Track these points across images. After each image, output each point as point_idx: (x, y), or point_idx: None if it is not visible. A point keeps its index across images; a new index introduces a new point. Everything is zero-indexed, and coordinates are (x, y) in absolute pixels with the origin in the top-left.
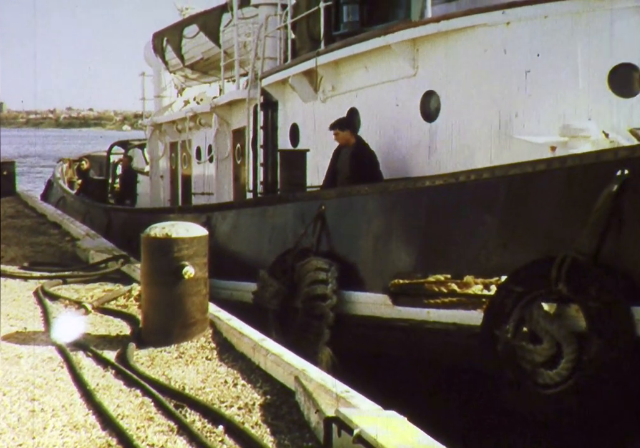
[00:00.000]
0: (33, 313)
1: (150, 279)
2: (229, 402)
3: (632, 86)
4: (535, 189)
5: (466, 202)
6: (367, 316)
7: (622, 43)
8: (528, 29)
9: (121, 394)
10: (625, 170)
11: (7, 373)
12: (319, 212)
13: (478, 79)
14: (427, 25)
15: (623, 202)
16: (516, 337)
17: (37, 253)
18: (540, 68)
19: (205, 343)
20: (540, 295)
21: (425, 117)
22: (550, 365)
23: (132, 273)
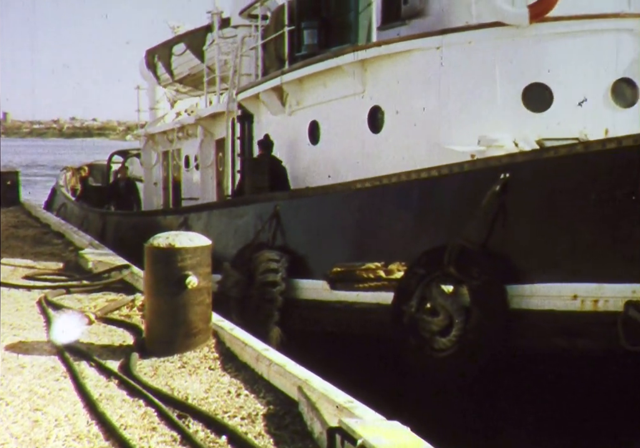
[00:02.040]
0: (36, 323)
1: (153, 289)
2: (232, 412)
3: (543, 102)
4: (439, 189)
5: (388, 201)
6: (310, 299)
7: (534, 65)
8: (455, 53)
9: (124, 404)
10: (507, 174)
11: (10, 383)
12: (274, 211)
13: (414, 95)
14: (370, 49)
15: (505, 199)
16: (418, 311)
17: (41, 263)
18: (465, 87)
19: (209, 353)
20: (437, 277)
21: (372, 129)
22: (444, 333)
23: (135, 283)
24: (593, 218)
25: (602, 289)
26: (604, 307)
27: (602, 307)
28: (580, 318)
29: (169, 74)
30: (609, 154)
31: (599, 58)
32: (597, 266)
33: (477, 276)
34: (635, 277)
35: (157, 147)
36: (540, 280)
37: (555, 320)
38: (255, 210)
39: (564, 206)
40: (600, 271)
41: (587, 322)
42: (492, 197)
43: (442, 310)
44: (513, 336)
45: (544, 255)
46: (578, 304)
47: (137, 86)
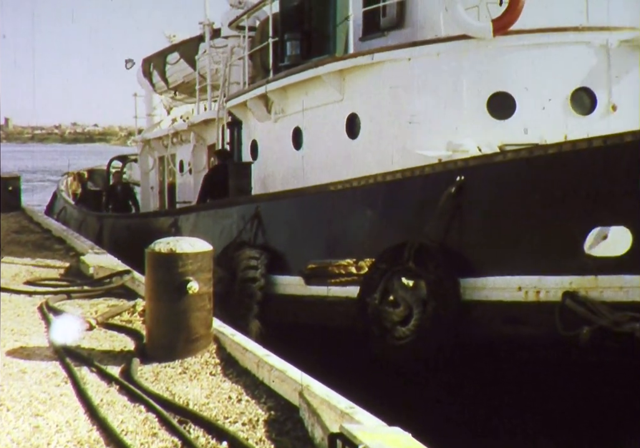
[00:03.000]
0: (37, 328)
1: (154, 294)
2: (233, 417)
3: (506, 110)
4: (403, 191)
5: (358, 202)
6: (287, 294)
7: (498, 75)
8: (425, 64)
9: (125, 410)
10: (462, 176)
11: (11, 389)
12: (256, 212)
13: (387, 103)
14: (347, 60)
15: (460, 200)
16: (381, 303)
17: (42, 269)
18: (433, 95)
19: (210, 359)
20: (398, 271)
21: (349, 135)
22: (404, 323)
23: (136, 288)
24: (536, 217)
25: (543, 281)
26: (545, 298)
27: (543, 297)
28: (524, 308)
29: (164, 81)
30: (549, 158)
31: (559, 68)
32: (539, 260)
33: (433, 270)
34: (572, 270)
35: (153, 152)
36: (489, 274)
37: (502, 309)
38: (239, 212)
39: (510, 206)
40: (541, 265)
41: (530, 311)
42: (448, 198)
43: (403, 301)
44: (466, 324)
45: (493, 251)
46: (522, 295)
47: (134, 93)
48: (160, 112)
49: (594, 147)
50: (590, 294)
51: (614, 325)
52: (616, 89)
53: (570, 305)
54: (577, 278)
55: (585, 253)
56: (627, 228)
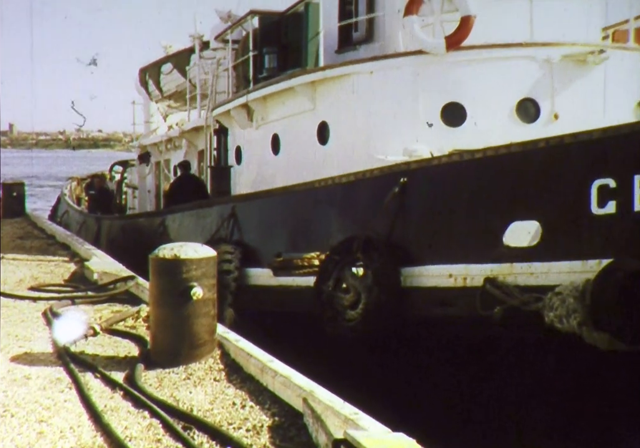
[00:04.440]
0: (42, 334)
1: (158, 300)
2: (237, 423)
3: (458, 118)
4: (356, 191)
5: (319, 202)
6: (258, 285)
7: (451, 87)
8: (385, 76)
9: (129, 416)
10: (405, 178)
11: (15, 395)
12: (232, 211)
13: (353, 112)
14: (317, 73)
15: (403, 199)
16: (334, 289)
17: (46, 274)
18: (393, 105)
19: (214, 365)
20: (349, 262)
21: (320, 142)
22: (353, 307)
23: (140, 294)
24: (464, 213)
25: (469, 269)
26: (470, 283)
27: (469, 283)
28: (453, 292)
29: (158, 90)
30: (475, 161)
31: (506, 80)
32: (466, 251)
33: (377, 260)
34: (493, 259)
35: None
36: (426, 263)
37: (436, 294)
38: (217, 211)
39: (444, 204)
40: (468, 255)
41: (457, 295)
42: (393, 197)
43: (352, 288)
44: (405, 307)
45: (429, 243)
46: (452, 281)
47: (132, 101)
48: (157, 119)
49: (513, 152)
50: (507, 279)
51: (522, 304)
52: (558, 99)
53: (489, 289)
54: (496, 266)
55: (503, 244)
56: (538, 223)
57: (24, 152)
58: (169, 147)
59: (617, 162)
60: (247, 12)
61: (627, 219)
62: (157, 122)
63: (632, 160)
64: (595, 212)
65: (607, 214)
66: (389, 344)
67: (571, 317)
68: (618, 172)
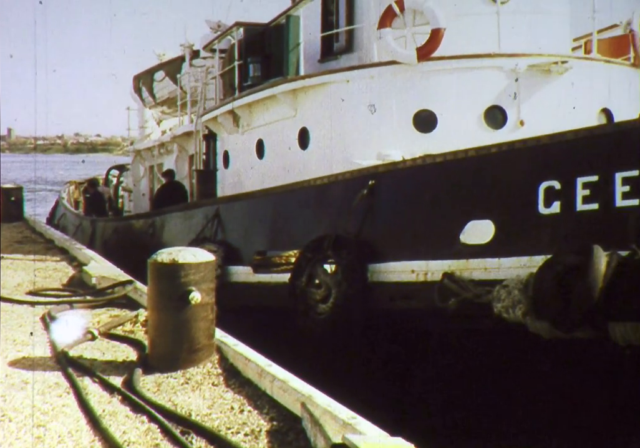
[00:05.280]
0: (40, 338)
1: (156, 305)
2: (235, 428)
3: (429, 125)
4: (329, 193)
5: (296, 203)
6: (239, 282)
7: (422, 95)
8: (361, 85)
9: (127, 420)
10: (373, 181)
11: (13, 399)
12: (216, 212)
13: (330, 119)
14: (297, 81)
15: (371, 200)
16: (307, 285)
17: (45, 279)
18: (368, 112)
19: (212, 369)
20: (320, 259)
21: (301, 147)
22: (324, 301)
23: (138, 298)
24: (426, 214)
25: (430, 265)
26: (430, 278)
27: (429, 278)
28: (415, 286)
29: (151, 97)
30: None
31: (475, 89)
32: (427, 248)
33: (345, 257)
34: (450, 256)
35: (144, 161)
36: (391, 260)
37: (399, 288)
38: (203, 212)
39: (408, 205)
40: (429, 252)
41: (419, 289)
42: (361, 198)
43: (324, 284)
44: (371, 301)
45: (394, 241)
46: (414, 276)
47: (127, 107)
48: (151, 124)
49: (470, 157)
50: (463, 274)
51: (475, 297)
52: (524, 107)
53: (446, 283)
54: (454, 262)
55: (460, 242)
56: (491, 222)
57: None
58: (161, 152)
59: (562, 165)
60: (233, 23)
61: (569, 218)
62: (151, 127)
63: (575, 163)
64: (541, 211)
65: (552, 214)
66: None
67: (516, 308)
68: (562, 175)
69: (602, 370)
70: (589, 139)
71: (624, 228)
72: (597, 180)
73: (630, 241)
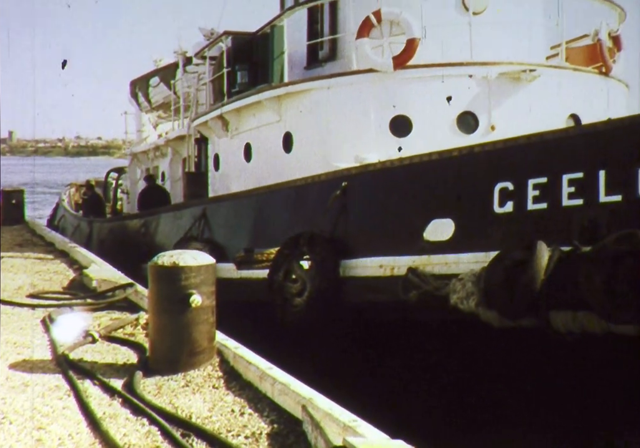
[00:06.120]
0: (40, 341)
1: (157, 307)
2: (236, 431)
3: (404, 130)
4: (307, 193)
5: (277, 203)
6: (224, 278)
7: (399, 101)
8: (341, 92)
9: (128, 423)
10: (346, 182)
11: (14, 402)
12: (203, 212)
13: (313, 124)
14: (281, 88)
15: (344, 200)
16: (284, 280)
17: (45, 282)
18: (347, 118)
19: (212, 372)
20: (297, 255)
21: (285, 150)
22: (300, 295)
23: (139, 301)
24: (393, 213)
25: (396, 260)
26: (397, 272)
27: (396, 272)
28: (383, 281)
29: (147, 102)
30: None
31: (448, 96)
32: (393, 245)
33: (319, 253)
34: (415, 252)
35: (140, 164)
36: (361, 256)
37: (368, 282)
38: (191, 212)
39: (377, 205)
40: (395, 248)
41: (386, 283)
42: (335, 198)
43: (300, 278)
44: (343, 294)
45: (364, 238)
46: (382, 271)
47: (125, 112)
48: (148, 128)
49: (433, 160)
50: (426, 269)
51: (434, 289)
52: (495, 113)
53: (410, 277)
54: (417, 258)
55: (424, 239)
56: (452, 221)
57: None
58: (157, 155)
59: (515, 168)
60: (222, 32)
61: (521, 217)
62: (148, 131)
63: (527, 166)
64: (497, 210)
65: (506, 213)
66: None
67: (470, 299)
68: (516, 177)
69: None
70: (539, 144)
71: (568, 226)
72: (546, 181)
73: (574, 237)
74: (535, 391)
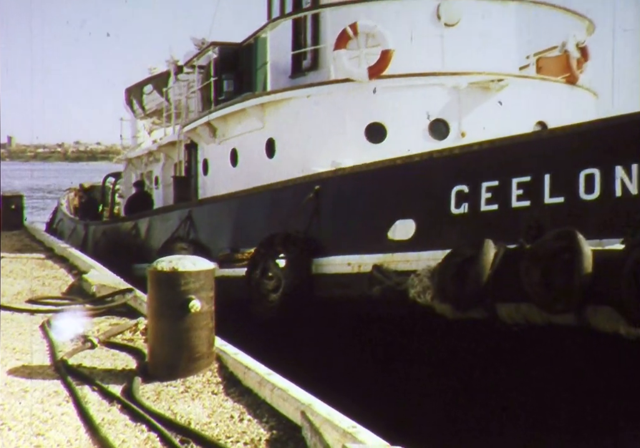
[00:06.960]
0: (39, 347)
1: (156, 313)
2: (235, 437)
3: (379, 136)
4: (282, 196)
5: (255, 206)
6: None
7: (374, 109)
8: (320, 100)
9: (127, 429)
10: (318, 186)
11: (12, 408)
12: (189, 214)
13: (294, 131)
14: (264, 97)
15: (317, 203)
16: (261, 277)
17: (44, 287)
18: (325, 125)
19: (212, 378)
20: (272, 254)
21: (268, 156)
22: (275, 291)
23: (138, 307)
24: (360, 214)
25: (363, 258)
26: (363, 269)
27: (363, 269)
28: (350, 277)
29: (141, 109)
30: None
31: (420, 104)
32: (360, 244)
33: (293, 252)
34: (379, 250)
35: (135, 169)
36: (331, 254)
37: (337, 279)
38: (178, 214)
39: (346, 206)
40: (362, 247)
41: (353, 279)
42: (308, 201)
43: (275, 276)
44: (315, 290)
45: (334, 238)
46: (350, 268)
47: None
48: (143, 134)
49: (397, 165)
50: (390, 266)
51: (396, 285)
52: (465, 120)
53: (375, 273)
54: (382, 256)
55: (388, 238)
56: (413, 221)
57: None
58: (150, 160)
59: (470, 172)
60: (209, 43)
61: (475, 217)
62: (143, 136)
63: (480, 170)
64: (453, 212)
65: (461, 214)
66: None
67: (426, 293)
68: (470, 180)
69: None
70: (492, 150)
71: (517, 225)
72: (498, 184)
73: (521, 236)
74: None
